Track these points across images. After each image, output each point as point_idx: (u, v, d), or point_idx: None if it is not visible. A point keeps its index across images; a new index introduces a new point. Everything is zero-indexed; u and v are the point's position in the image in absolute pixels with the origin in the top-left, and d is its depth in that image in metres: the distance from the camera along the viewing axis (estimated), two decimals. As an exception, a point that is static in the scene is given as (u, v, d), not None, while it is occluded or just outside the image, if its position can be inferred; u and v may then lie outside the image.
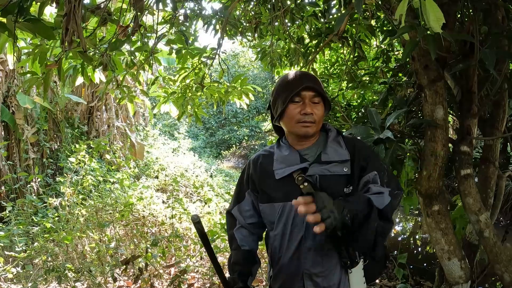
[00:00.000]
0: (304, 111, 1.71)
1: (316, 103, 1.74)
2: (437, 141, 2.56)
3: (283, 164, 1.80)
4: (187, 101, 4.57)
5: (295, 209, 1.60)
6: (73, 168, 6.19)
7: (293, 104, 1.73)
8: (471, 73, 2.68)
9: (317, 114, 1.73)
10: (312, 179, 1.72)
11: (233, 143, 22.74)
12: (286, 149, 1.85)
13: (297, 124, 1.73)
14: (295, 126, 1.74)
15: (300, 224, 1.74)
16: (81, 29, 1.97)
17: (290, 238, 1.77)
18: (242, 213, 1.99)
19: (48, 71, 2.65)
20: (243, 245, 1.97)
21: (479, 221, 2.68)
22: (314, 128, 1.75)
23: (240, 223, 2.00)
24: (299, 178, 1.72)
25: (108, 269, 4.23)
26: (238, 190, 2.04)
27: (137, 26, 2.78)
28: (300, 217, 1.70)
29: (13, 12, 1.79)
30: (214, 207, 6.34)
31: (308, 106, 1.71)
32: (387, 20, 4.27)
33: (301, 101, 1.73)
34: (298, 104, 1.73)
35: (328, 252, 1.72)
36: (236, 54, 23.59)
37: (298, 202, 1.40)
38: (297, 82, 1.74)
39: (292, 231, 1.76)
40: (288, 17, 4.14)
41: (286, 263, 1.80)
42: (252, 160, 2.00)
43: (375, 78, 4.43)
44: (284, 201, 1.77)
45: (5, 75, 7.59)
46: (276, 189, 1.80)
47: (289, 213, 1.76)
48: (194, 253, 4.99)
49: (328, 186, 1.69)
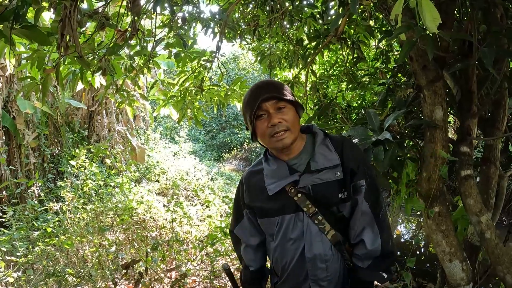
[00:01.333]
0: (271, 122, 1.66)
1: (281, 108, 1.68)
2: (437, 142, 2.54)
3: (274, 179, 1.77)
4: (187, 105, 4.56)
5: (293, 221, 1.73)
6: (74, 173, 6.19)
7: (259, 120, 1.69)
8: (470, 72, 2.66)
9: (287, 119, 1.67)
10: (305, 190, 1.70)
11: (234, 146, 22.73)
12: (274, 163, 1.81)
13: (271, 139, 1.68)
14: (270, 142, 1.70)
15: (299, 235, 1.73)
16: (76, 35, 1.97)
17: (291, 248, 1.76)
18: (244, 233, 1.99)
19: (46, 76, 2.65)
20: (250, 266, 2.00)
21: (480, 222, 2.66)
22: (290, 136, 1.69)
23: (244, 242, 2.01)
24: (292, 190, 1.71)
25: (108, 273, 4.22)
26: (236, 210, 2.03)
27: (135, 31, 2.77)
28: (299, 228, 1.73)
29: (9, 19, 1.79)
30: (215, 210, 6.33)
31: (273, 116, 1.66)
32: (385, 21, 4.26)
33: (266, 113, 1.68)
34: (264, 118, 1.68)
35: (332, 257, 1.73)
36: (236, 56, 23.62)
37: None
38: (254, 97, 1.69)
39: (293, 242, 1.75)
40: (286, 19, 4.13)
41: (291, 271, 1.79)
42: (244, 178, 1.97)
43: (374, 79, 4.42)
44: (281, 214, 1.76)
45: (5, 80, 7.61)
46: (271, 204, 1.78)
47: (287, 225, 1.75)
48: (195, 256, 4.99)
49: (322, 194, 1.69)
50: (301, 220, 1.72)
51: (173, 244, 4.94)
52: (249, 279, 2.02)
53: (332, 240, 1.68)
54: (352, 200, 1.72)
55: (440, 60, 2.59)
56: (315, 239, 1.70)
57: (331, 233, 1.68)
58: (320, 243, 1.70)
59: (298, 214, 1.72)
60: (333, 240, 1.68)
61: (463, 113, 2.77)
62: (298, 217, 1.72)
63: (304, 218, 1.71)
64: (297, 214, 1.72)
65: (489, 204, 3.04)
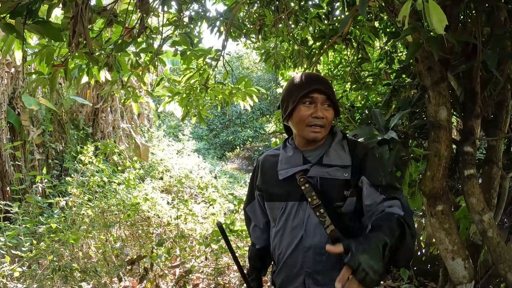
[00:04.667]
0: (316, 114, 1.71)
1: (327, 106, 1.74)
2: (441, 142, 2.57)
3: (287, 165, 1.83)
4: (191, 102, 4.59)
5: (295, 209, 1.78)
6: (79, 169, 6.22)
7: (304, 106, 1.73)
8: (474, 74, 2.69)
9: (328, 119, 1.74)
10: (313, 180, 1.74)
11: (237, 145, 22.72)
12: (291, 150, 1.87)
13: (307, 127, 1.74)
14: (305, 130, 1.75)
15: (300, 224, 1.76)
16: (88, 32, 2.00)
17: (290, 236, 1.79)
18: (254, 212, 2.10)
19: (55, 72, 2.68)
20: (256, 244, 2.13)
21: (483, 221, 2.69)
22: (323, 133, 1.75)
23: (254, 222, 2.12)
24: (301, 179, 1.74)
25: (113, 269, 4.25)
26: (250, 189, 2.13)
27: (143, 28, 2.80)
28: (301, 217, 1.76)
29: (22, 14, 1.82)
30: (219, 208, 6.36)
31: (319, 109, 1.71)
32: (390, 22, 4.28)
33: (313, 103, 1.72)
34: (309, 106, 1.72)
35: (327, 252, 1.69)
36: (240, 56, 23.57)
37: (331, 250, 1.43)
38: (310, 83, 1.73)
39: (292, 230, 1.78)
40: (292, 19, 4.16)
41: (286, 260, 1.82)
42: (260, 160, 2.05)
43: (378, 80, 4.43)
44: (286, 200, 1.81)
45: (10, 77, 7.64)
46: (279, 188, 1.84)
47: (289, 212, 1.79)
48: (199, 253, 5.01)
49: (329, 189, 1.73)
50: (304, 209, 1.75)
51: (178, 241, 4.97)
52: (253, 255, 2.14)
53: (330, 235, 1.65)
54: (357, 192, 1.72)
55: (444, 62, 2.61)
56: (314, 229, 1.72)
57: (330, 228, 1.66)
58: (318, 235, 1.72)
59: (302, 203, 1.76)
60: (332, 236, 1.65)
61: (467, 113, 2.80)
62: (302, 206, 1.76)
63: (307, 208, 1.74)
64: (301, 203, 1.76)
65: (491, 204, 3.07)
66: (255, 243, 2.14)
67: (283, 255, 1.83)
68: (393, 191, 1.69)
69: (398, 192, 1.71)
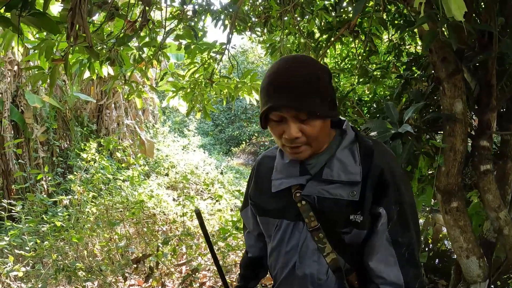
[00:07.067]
0: (287, 135, 1.29)
1: (305, 121, 1.28)
2: (456, 136, 2.47)
3: (281, 175, 1.48)
4: (196, 96, 4.53)
5: (291, 230, 1.44)
6: (83, 166, 6.18)
7: (272, 125, 1.34)
8: (490, 65, 2.59)
9: (309, 133, 1.29)
10: (309, 198, 1.39)
11: (242, 140, 22.71)
12: (288, 156, 1.48)
13: (284, 148, 1.37)
14: (284, 148, 1.38)
15: (294, 248, 1.43)
16: (86, 24, 1.92)
17: (285, 259, 1.47)
18: (247, 220, 1.79)
19: (55, 66, 2.61)
20: (249, 252, 1.86)
21: (499, 218, 2.61)
22: (309, 151, 1.35)
23: (248, 228, 1.83)
24: (297, 194, 1.40)
25: (118, 268, 4.20)
26: (245, 194, 1.79)
27: (145, 21, 2.73)
28: (296, 239, 1.43)
29: (17, 7, 1.74)
30: (225, 204, 6.30)
31: (292, 127, 1.28)
32: (397, 13, 4.19)
33: (283, 119, 1.29)
34: (279, 123, 1.31)
35: (326, 282, 1.40)
36: (245, 50, 23.55)
37: None
38: (273, 96, 1.28)
39: (287, 253, 1.46)
40: (298, 12, 4.07)
41: (281, 284, 1.51)
42: (256, 163, 1.70)
43: (386, 73, 4.34)
44: (280, 217, 1.47)
45: (13, 74, 7.61)
46: (274, 202, 1.50)
47: (285, 231, 1.46)
48: (205, 251, 4.95)
49: (330, 210, 1.36)
50: (299, 231, 1.42)
51: (184, 239, 4.91)
52: (245, 263, 1.87)
53: (331, 264, 1.37)
54: (368, 230, 1.36)
55: (458, 53, 2.52)
56: (310, 257, 1.40)
57: (331, 256, 1.36)
58: (315, 264, 1.39)
59: (298, 223, 1.42)
60: (332, 265, 1.37)
61: (482, 107, 2.70)
62: (298, 226, 1.42)
63: (303, 230, 1.41)
64: (297, 223, 1.42)
65: (506, 200, 2.97)
66: (248, 251, 1.85)
67: (278, 277, 1.53)
68: (409, 267, 1.35)
69: (414, 270, 1.36)
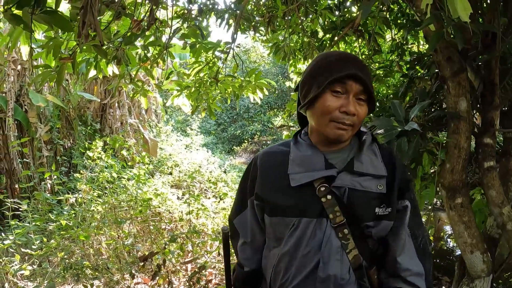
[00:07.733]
0: (346, 108, 1.30)
1: (361, 101, 1.33)
2: (461, 133, 2.51)
3: (302, 168, 1.40)
4: (201, 95, 4.56)
5: (312, 228, 1.37)
6: (88, 165, 6.21)
7: (332, 95, 1.32)
8: (493, 64, 2.63)
9: (360, 116, 1.33)
10: (339, 191, 1.35)
11: (245, 139, 22.72)
12: (307, 149, 1.44)
13: (330, 122, 1.33)
14: (328, 125, 1.34)
15: (316, 247, 1.35)
16: (98, 23, 1.95)
17: (301, 262, 1.38)
18: (243, 226, 1.61)
19: (62, 65, 2.63)
20: (245, 266, 1.63)
21: (502, 213, 2.64)
22: (349, 133, 1.35)
23: (243, 238, 1.62)
24: (322, 188, 1.35)
25: (125, 266, 4.23)
26: (240, 196, 1.63)
27: (153, 20, 2.76)
28: (318, 238, 1.36)
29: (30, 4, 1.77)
30: (229, 203, 6.32)
31: (352, 103, 1.30)
32: (400, 13, 4.21)
33: (345, 93, 1.31)
34: (339, 96, 1.31)
35: (348, 282, 1.36)
36: (247, 49, 23.55)
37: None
38: (345, 66, 1.31)
39: (305, 255, 1.37)
40: (301, 11, 4.10)
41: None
42: (258, 159, 1.55)
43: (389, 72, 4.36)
44: (299, 216, 1.37)
45: (17, 74, 7.64)
46: (289, 199, 1.39)
47: (303, 231, 1.37)
48: (211, 249, 4.98)
49: (359, 204, 1.35)
50: (322, 229, 1.35)
51: (190, 237, 4.93)
52: (241, 279, 1.66)
53: (352, 262, 1.34)
54: (393, 222, 1.40)
55: (463, 52, 2.56)
56: (334, 256, 1.34)
57: (353, 252, 1.34)
58: (338, 262, 1.33)
59: (321, 220, 1.35)
60: (354, 263, 1.34)
61: (486, 105, 2.74)
62: (320, 224, 1.35)
63: (327, 228, 1.35)
64: (320, 221, 1.35)
65: (509, 196, 3.00)
66: (244, 265, 1.62)
67: (288, 284, 1.41)
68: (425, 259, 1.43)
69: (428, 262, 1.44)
